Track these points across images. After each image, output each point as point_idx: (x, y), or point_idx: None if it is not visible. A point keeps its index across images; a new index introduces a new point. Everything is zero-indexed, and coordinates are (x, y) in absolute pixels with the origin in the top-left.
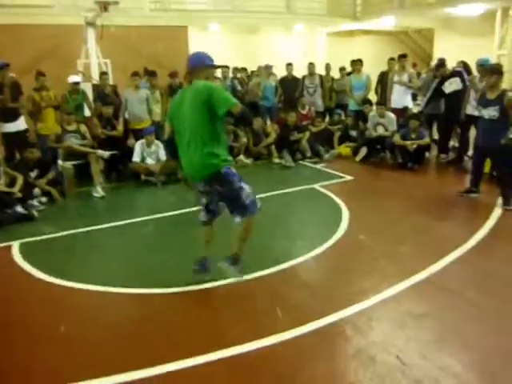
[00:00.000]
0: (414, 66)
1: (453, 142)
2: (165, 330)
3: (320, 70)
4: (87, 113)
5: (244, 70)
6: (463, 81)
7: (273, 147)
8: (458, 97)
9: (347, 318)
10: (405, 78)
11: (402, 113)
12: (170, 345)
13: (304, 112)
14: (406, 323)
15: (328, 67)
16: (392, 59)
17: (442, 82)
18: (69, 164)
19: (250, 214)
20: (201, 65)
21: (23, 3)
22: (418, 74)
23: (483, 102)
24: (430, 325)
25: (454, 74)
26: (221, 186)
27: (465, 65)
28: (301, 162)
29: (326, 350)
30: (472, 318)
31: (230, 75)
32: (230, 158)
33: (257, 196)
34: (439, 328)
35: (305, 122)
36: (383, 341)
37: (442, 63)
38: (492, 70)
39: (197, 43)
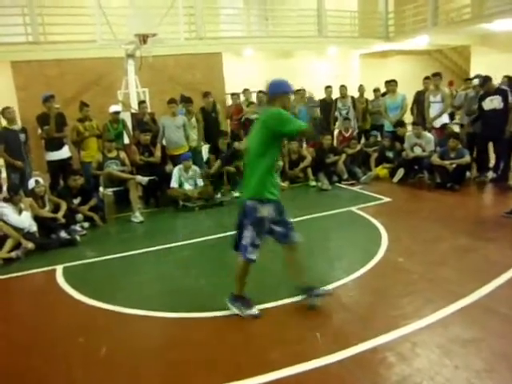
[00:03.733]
0: (451, 84)
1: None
2: (203, 355)
3: (354, 92)
4: (126, 140)
5: None
6: (505, 100)
7: (309, 170)
8: (497, 115)
9: (389, 344)
10: (438, 97)
11: (440, 132)
12: (208, 370)
13: (347, 135)
14: (452, 350)
15: (361, 89)
16: (427, 78)
17: (483, 98)
18: (109, 191)
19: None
20: (279, 91)
21: (69, 39)
22: (455, 92)
23: None
24: (479, 352)
25: (498, 91)
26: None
27: (510, 79)
28: (337, 184)
29: (367, 377)
30: None
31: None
32: (270, 195)
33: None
34: (489, 355)
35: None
36: (429, 368)
37: (487, 79)
38: None
39: (231, 69)
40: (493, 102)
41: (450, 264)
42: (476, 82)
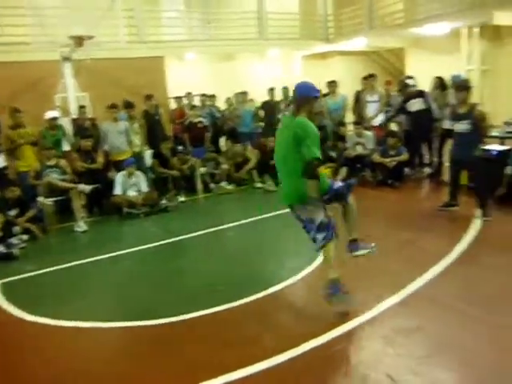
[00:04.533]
0: (389, 83)
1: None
2: (153, 363)
3: None
4: (66, 147)
5: (214, 96)
6: (426, 101)
7: (254, 172)
8: (422, 115)
9: (336, 339)
10: (375, 97)
11: (379, 130)
12: (158, 377)
13: None
14: (395, 340)
15: None
16: (365, 78)
17: (406, 101)
18: (49, 201)
19: None
20: (308, 95)
21: None
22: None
23: (455, 117)
24: (420, 339)
25: (418, 94)
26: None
27: (440, 80)
28: None
29: (317, 372)
30: (461, 330)
31: (208, 103)
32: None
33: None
34: (429, 342)
35: None
36: (373, 359)
37: (406, 85)
38: (460, 87)
39: (174, 73)
40: (415, 104)
41: (391, 257)
42: (410, 82)
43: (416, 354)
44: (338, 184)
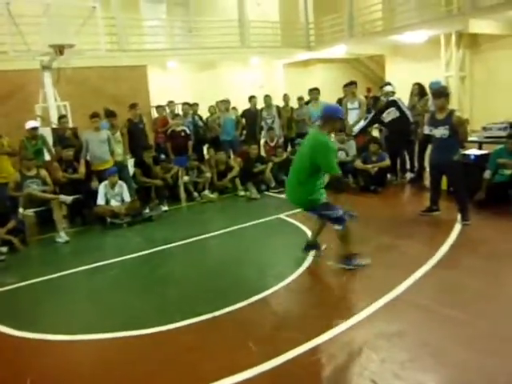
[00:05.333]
0: (368, 91)
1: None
2: (137, 374)
3: (279, 100)
4: (47, 157)
5: (196, 105)
6: (399, 108)
7: (237, 180)
8: (397, 123)
9: (320, 346)
10: (356, 104)
11: (360, 138)
12: None
13: (272, 144)
14: (379, 345)
15: (286, 98)
16: (346, 86)
17: (380, 113)
18: (30, 211)
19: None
20: (333, 116)
21: None
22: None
23: (433, 123)
24: (403, 344)
25: (390, 104)
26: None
27: (420, 87)
28: (266, 192)
29: (302, 380)
30: (443, 333)
31: (190, 111)
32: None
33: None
34: (412, 346)
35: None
36: (357, 365)
37: (376, 99)
38: (438, 94)
39: (156, 81)
40: (390, 114)
41: (374, 262)
42: (389, 88)
43: (399, 358)
44: (340, 212)
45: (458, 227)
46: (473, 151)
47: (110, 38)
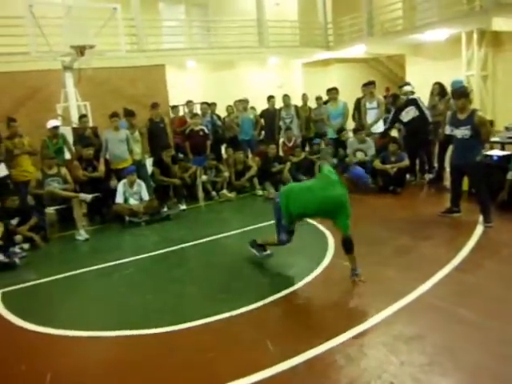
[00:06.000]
0: (387, 90)
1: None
2: (152, 373)
3: (297, 100)
4: (68, 156)
5: (214, 104)
6: (418, 107)
7: (255, 179)
8: (417, 123)
9: (338, 347)
10: (374, 103)
11: (379, 138)
12: None
13: (290, 144)
14: (398, 347)
15: (305, 97)
16: (364, 85)
17: (399, 112)
18: (51, 209)
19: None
20: (358, 181)
21: (0, 51)
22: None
23: (455, 123)
24: (422, 347)
25: (409, 103)
26: None
27: (440, 86)
28: None
29: (319, 380)
30: (463, 337)
31: (209, 111)
32: None
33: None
34: (431, 349)
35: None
36: (376, 367)
37: (395, 96)
38: (458, 94)
39: (175, 81)
40: (409, 113)
41: (392, 264)
42: (408, 88)
43: (418, 361)
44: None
45: (479, 229)
46: (495, 152)
47: (129, 39)
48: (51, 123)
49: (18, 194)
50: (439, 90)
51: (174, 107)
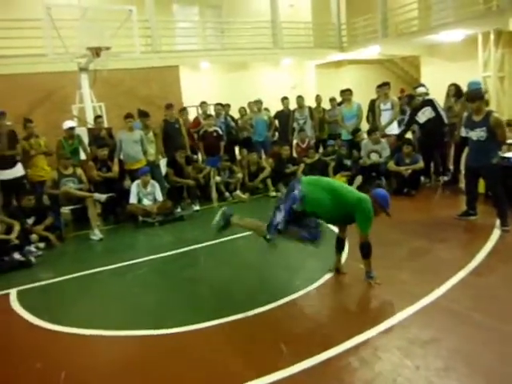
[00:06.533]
0: (402, 91)
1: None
2: (166, 372)
3: (311, 101)
4: (83, 156)
5: (228, 105)
6: (434, 108)
7: (269, 181)
8: (433, 124)
9: (352, 350)
10: (388, 105)
11: (393, 139)
12: None
13: (304, 146)
14: (413, 351)
15: (318, 99)
16: (379, 87)
17: (415, 113)
18: (66, 209)
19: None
20: (379, 206)
21: (17, 53)
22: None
23: (470, 125)
24: (438, 351)
25: (425, 103)
26: None
27: (456, 87)
28: None
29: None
30: (479, 342)
31: (222, 112)
32: None
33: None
34: (447, 354)
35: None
36: (391, 371)
37: (410, 96)
38: (472, 97)
39: (188, 82)
40: (425, 114)
41: (407, 267)
42: (422, 89)
43: (434, 366)
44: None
45: (496, 233)
46: None
47: (143, 40)
48: (67, 124)
49: (34, 193)
50: (455, 91)
51: (183, 109)
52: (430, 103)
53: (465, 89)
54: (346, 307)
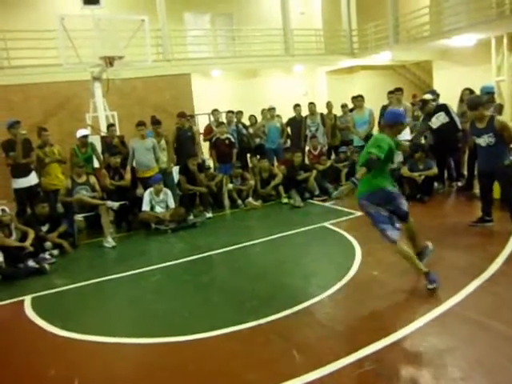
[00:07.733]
0: (414, 97)
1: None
2: (180, 381)
3: (322, 108)
4: (96, 164)
5: (240, 113)
6: (448, 113)
7: (281, 188)
8: (447, 129)
9: (367, 358)
10: (401, 111)
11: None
12: None
13: (316, 152)
14: (430, 360)
15: (330, 105)
16: (391, 92)
17: (428, 119)
18: (79, 217)
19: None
20: (397, 122)
21: (33, 63)
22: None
23: (475, 132)
24: (455, 360)
25: (439, 108)
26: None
27: (470, 92)
28: (310, 200)
29: None
30: (497, 351)
31: (234, 120)
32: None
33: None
34: (464, 363)
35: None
36: (407, 381)
37: (424, 102)
38: (473, 106)
39: (200, 89)
40: (439, 119)
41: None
42: (428, 96)
43: (451, 375)
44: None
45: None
46: None
47: (155, 49)
48: (80, 132)
49: (48, 201)
50: (469, 95)
51: (191, 117)
52: (444, 108)
53: (479, 93)
54: (360, 315)
